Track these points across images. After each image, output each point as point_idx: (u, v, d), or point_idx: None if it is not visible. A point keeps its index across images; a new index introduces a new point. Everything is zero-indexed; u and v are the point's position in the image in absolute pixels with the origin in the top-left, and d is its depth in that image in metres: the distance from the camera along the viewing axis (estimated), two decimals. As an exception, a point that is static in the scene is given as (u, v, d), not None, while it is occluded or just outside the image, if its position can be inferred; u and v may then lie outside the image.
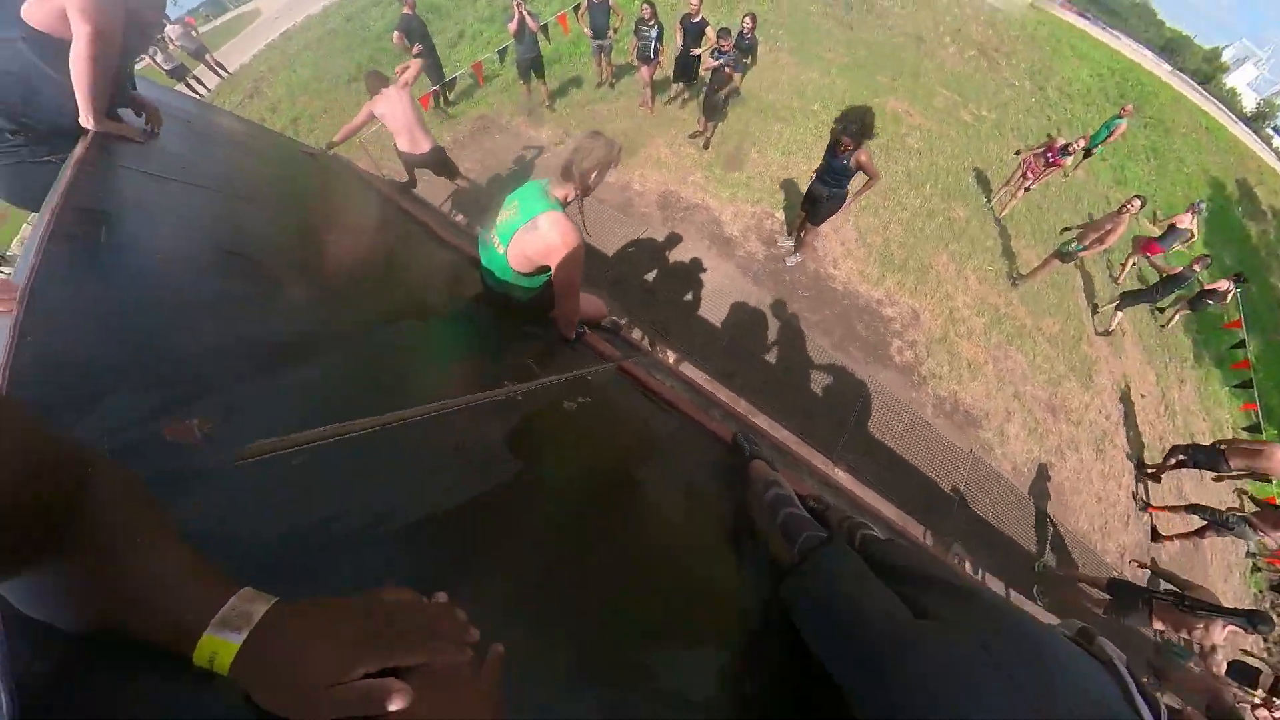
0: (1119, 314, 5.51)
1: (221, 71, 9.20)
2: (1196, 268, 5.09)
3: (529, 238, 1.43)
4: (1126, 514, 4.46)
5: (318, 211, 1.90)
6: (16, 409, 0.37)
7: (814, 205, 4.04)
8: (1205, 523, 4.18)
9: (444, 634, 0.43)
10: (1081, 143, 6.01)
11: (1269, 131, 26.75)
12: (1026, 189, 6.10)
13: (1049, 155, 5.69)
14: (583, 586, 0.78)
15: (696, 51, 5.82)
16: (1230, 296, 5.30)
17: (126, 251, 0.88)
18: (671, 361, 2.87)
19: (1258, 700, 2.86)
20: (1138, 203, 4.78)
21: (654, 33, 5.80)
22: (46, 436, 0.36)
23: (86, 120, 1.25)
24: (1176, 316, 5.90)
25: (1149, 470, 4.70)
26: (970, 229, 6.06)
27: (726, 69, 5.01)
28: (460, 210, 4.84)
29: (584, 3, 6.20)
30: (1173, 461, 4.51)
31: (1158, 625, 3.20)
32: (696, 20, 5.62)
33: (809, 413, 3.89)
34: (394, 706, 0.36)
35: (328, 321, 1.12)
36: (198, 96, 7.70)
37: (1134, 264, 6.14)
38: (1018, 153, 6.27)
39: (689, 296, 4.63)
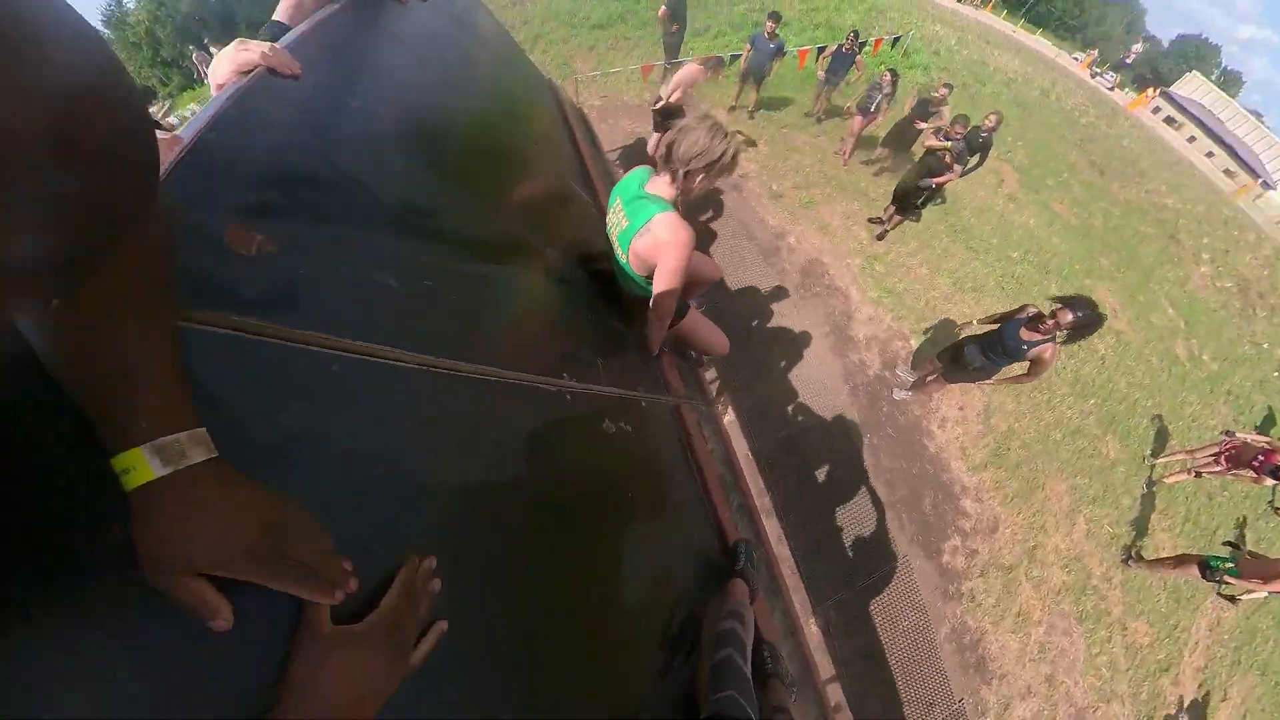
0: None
1: (501, -26, 10.25)
2: None
3: (643, 243, 1.40)
4: None
5: (508, 131, 1.98)
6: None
7: (954, 366, 3.63)
8: None
9: (322, 577, 0.43)
10: None
11: None
12: (1197, 473, 5.00)
13: (1255, 461, 4.55)
14: (510, 611, 0.74)
15: (922, 125, 5.48)
16: None
17: (330, 92, 0.94)
18: (725, 421, 2.74)
19: None
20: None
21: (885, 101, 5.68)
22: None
23: None
24: None
25: None
26: (1113, 475, 5.14)
27: (948, 157, 4.60)
28: (623, 163, 5.02)
29: (831, 47, 6.14)
30: None
31: None
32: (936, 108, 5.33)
33: (820, 549, 3.56)
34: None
35: (450, 227, 1.15)
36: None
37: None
38: (1227, 432, 5.06)
39: (780, 367, 4.40)
